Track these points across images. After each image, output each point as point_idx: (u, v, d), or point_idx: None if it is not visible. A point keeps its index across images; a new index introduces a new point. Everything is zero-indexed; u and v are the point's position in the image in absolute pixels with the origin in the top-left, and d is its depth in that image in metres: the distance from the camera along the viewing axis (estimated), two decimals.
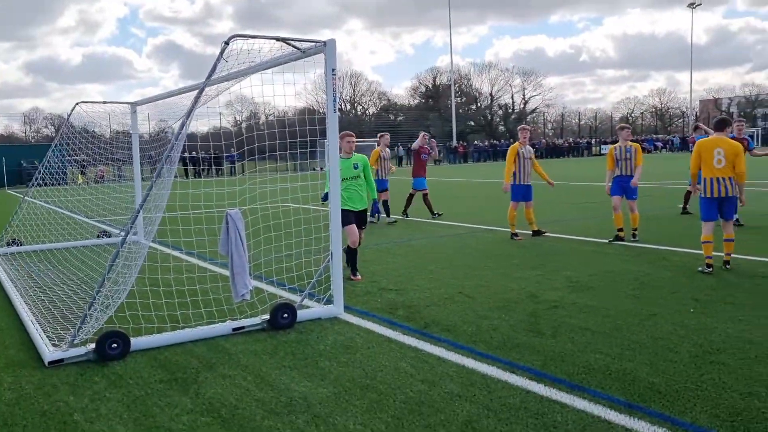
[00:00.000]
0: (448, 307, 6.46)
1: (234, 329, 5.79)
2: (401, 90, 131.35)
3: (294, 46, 5.94)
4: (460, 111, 76.43)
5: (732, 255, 7.85)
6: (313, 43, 5.99)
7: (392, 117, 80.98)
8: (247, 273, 5.91)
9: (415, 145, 14.86)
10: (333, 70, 6.02)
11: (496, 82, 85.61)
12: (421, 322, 5.97)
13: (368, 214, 7.95)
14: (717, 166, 7.71)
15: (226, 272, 6.32)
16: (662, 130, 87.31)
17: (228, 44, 5.43)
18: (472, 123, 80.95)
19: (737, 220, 10.83)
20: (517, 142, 10.98)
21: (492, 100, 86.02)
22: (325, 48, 5.99)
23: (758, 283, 7.05)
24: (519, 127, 11.44)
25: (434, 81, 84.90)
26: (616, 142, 10.56)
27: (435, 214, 14.12)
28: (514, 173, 10.87)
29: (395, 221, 13.51)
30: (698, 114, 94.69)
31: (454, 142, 58.70)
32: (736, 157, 7.68)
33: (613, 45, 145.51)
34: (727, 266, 7.76)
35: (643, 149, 64.53)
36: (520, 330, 5.60)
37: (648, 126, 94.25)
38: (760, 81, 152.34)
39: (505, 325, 5.77)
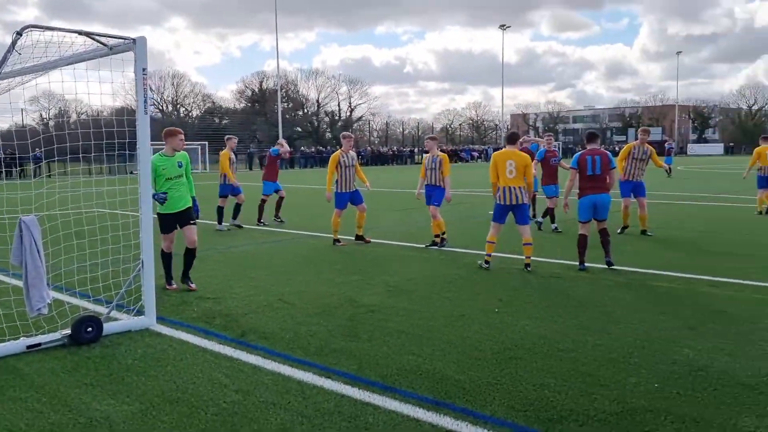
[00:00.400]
0: (266, 315, 6.41)
1: (28, 347, 5.29)
2: (227, 93, 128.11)
3: (100, 42, 5.57)
4: (287, 116, 76.24)
5: (530, 259, 8.58)
6: (122, 40, 5.66)
7: (217, 120, 78.77)
8: (44, 285, 5.44)
9: (278, 150, 14.78)
10: (144, 69, 5.73)
11: (323, 89, 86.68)
12: (238, 330, 5.87)
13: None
14: (509, 176, 8.52)
15: (20, 284, 5.75)
16: (478, 141, 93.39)
17: (21, 35, 4.97)
18: (299, 129, 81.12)
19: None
20: (338, 151, 11.13)
21: (319, 107, 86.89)
22: (135, 46, 5.68)
23: (552, 283, 7.78)
24: (342, 135, 11.63)
25: (261, 85, 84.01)
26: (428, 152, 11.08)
27: (260, 222, 13.98)
28: (337, 181, 11.03)
29: (228, 228, 13.24)
30: (509, 126, 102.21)
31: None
32: (526, 168, 8.55)
33: (435, 59, 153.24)
34: (528, 268, 8.46)
35: (461, 159, 69.10)
36: (338, 335, 5.70)
37: (466, 137, 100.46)
38: (561, 99, 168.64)
39: (324, 330, 5.84)
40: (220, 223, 13.32)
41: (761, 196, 15.20)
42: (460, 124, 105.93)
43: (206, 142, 51.12)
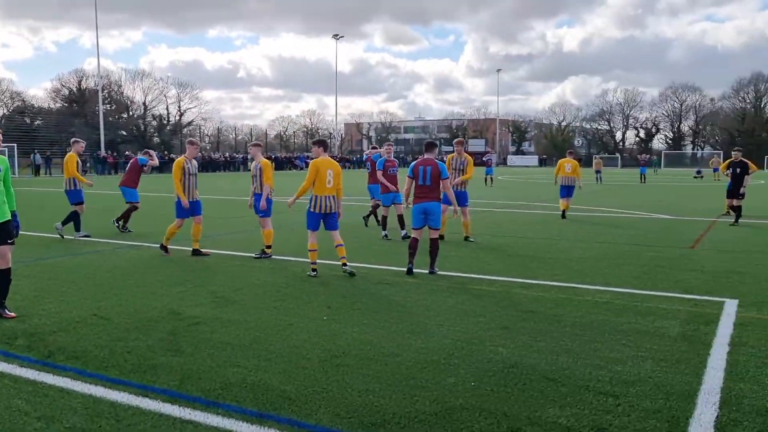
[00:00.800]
0: (79, 332, 5.94)
1: None
2: (40, 91, 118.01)
3: None
4: (110, 119, 71.71)
5: (345, 258, 8.86)
6: None
7: (28, 120, 72.22)
8: None
9: (146, 160, 14.32)
10: None
11: (151, 91, 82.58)
12: (44, 350, 5.37)
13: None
14: (328, 185, 8.69)
15: None
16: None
17: None
18: (124, 132, 76.53)
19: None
20: (182, 157, 10.62)
21: (146, 110, 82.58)
22: None
23: (381, 289, 7.97)
24: (188, 141, 11.17)
25: (80, 84, 78.29)
26: (269, 158, 10.96)
27: (124, 229, 13.56)
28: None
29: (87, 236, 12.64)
30: (343, 135, 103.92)
31: (103, 152, 54.73)
32: (339, 176, 8.81)
33: (270, 65, 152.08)
34: (346, 267, 8.75)
35: (295, 166, 69.07)
36: (158, 350, 5.41)
37: (300, 144, 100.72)
38: (394, 109, 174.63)
39: (143, 346, 5.52)
40: (78, 230, 12.64)
41: (564, 203, 17.10)
42: (294, 132, 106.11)
43: (15, 145, 46.74)
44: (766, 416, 4.15)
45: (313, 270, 8.71)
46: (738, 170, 15.94)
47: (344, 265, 8.80)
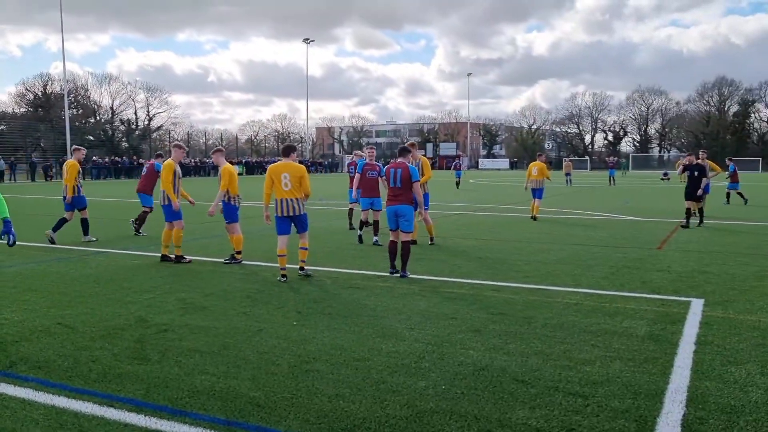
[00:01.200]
0: (42, 341, 5.80)
1: None
2: (4, 96, 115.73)
3: None
4: (77, 123, 70.63)
5: (305, 261, 8.95)
6: None
7: None
8: None
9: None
10: None
11: (119, 96, 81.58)
12: (5, 361, 5.24)
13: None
14: (284, 189, 8.65)
15: None
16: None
17: None
18: (91, 137, 75.29)
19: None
20: (170, 160, 10.60)
21: (114, 114, 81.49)
22: None
23: (351, 293, 7.94)
24: (176, 144, 11.14)
25: (45, 89, 76.92)
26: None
27: (138, 233, 13.75)
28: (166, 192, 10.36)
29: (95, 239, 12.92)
30: (314, 139, 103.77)
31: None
32: (301, 179, 8.71)
33: (240, 69, 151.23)
34: (302, 272, 8.86)
35: (266, 171, 68.54)
36: (124, 358, 5.31)
37: (271, 148, 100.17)
38: (365, 113, 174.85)
39: (108, 355, 5.42)
40: (86, 234, 12.98)
41: (534, 204, 17.39)
42: (265, 136, 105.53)
43: None
44: (730, 413, 4.22)
45: (283, 276, 8.66)
46: (696, 173, 16.22)
47: (301, 269, 8.90)
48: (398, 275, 8.90)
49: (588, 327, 6.30)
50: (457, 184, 37.38)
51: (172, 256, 10.42)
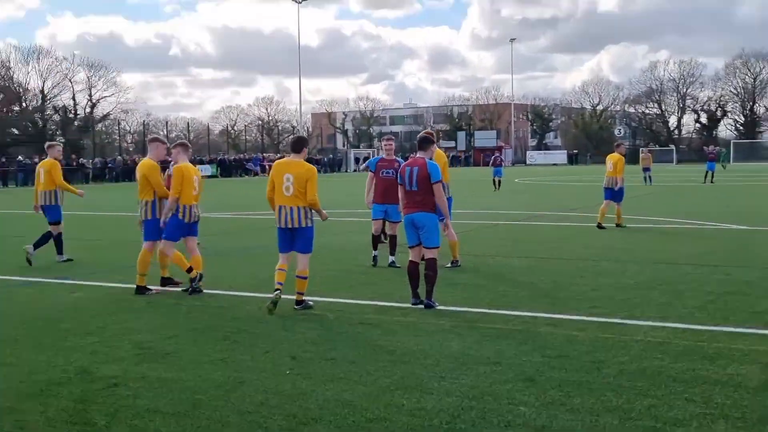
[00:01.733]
0: None
1: None
2: None
3: None
4: None
5: (303, 294, 9.01)
6: None
7: None
8: None
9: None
10: None
11: (51, 75, 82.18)
12: None
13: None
14: (285, 193, 8.76)
15: None
16: (272, 148, 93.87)
17: None
18: (16, 131, 76.18)
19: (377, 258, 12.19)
20: (148, 159, 10.93)
21: (44, 100, 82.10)
22: None
23: (361, 331, 7.96)
24: (154, 138, 11.61)
25: None
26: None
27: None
28: (155, 202, 10.54)
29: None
30: (310, 129, 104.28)
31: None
32: (307, 183, 8.74)
33: (212, 39, 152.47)
34: (298, 306, 8.94)
35: (248, 171, 69.05)
36: (61, 424, 5.34)
37: (254, 142, 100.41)
38: (376, 94, 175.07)
39: (41, 419, 5.45)
40: (61, 253, 13.67)
41: (607, 209, 17.74)
42: (246, 126, 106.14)
43: None
44: None
45: (276, 290, 8.69)
46: None
47: (297, 303, 8.96)
48: (422, 306, 8.89)
49: (679, 374, 6.25)
50: (497, 183, 37.40)
51: (178, 280, 10.74)
